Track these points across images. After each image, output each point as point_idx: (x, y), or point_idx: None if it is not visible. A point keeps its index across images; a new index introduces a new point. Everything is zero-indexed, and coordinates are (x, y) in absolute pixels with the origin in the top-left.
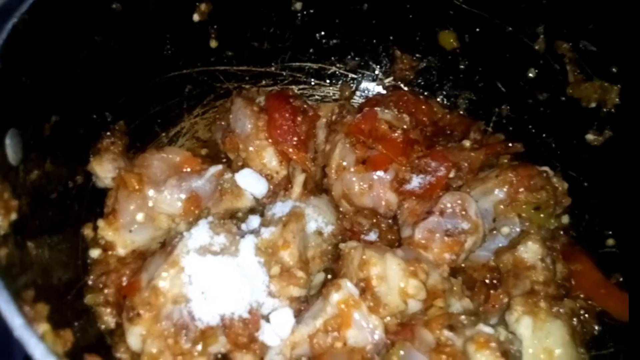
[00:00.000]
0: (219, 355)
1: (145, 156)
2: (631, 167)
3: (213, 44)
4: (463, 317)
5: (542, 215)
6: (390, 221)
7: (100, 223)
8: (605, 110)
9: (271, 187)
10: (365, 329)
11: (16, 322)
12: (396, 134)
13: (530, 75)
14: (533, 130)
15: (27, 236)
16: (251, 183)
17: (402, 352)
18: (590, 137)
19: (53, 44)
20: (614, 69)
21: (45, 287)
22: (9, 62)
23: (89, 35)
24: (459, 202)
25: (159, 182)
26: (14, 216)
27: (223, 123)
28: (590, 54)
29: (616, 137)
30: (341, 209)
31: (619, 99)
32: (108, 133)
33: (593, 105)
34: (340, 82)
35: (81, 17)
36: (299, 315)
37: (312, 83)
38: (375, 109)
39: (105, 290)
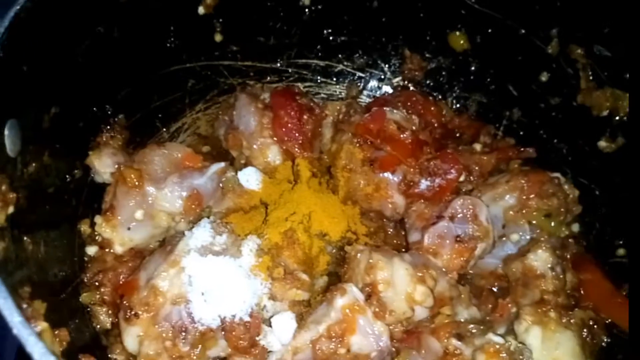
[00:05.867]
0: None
1: (145, 152)
2: None
3: (218, 38)
4: (471, 325)
5: (552, 223)
6: (396, 224)
7: (98, 219)
8: (617, 118)
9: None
10: (370, 336)
11: (15, 319)
12: (405, 135)
13: (543, 79)
14: (544, 136)
15: (23, 231)
16: (254, 181)
17: None
18: (602, 144)
19: (55, 34)
20: (627, 75)
21: (41, 284)
22: (10, 51)
23: (91, 26)
24: (470, 207)
25: (159, 179)
26: (11, 209)
27: (226, 118)
28: (604, 59)
29: (629, 144)
30: None
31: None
32: (108, 127)
33: (605, 113)
34: (347, 81)
35: (84, 7)
36: (300, 319)
37: (319, 81)
38: (384, 109)
39: (102, 289)
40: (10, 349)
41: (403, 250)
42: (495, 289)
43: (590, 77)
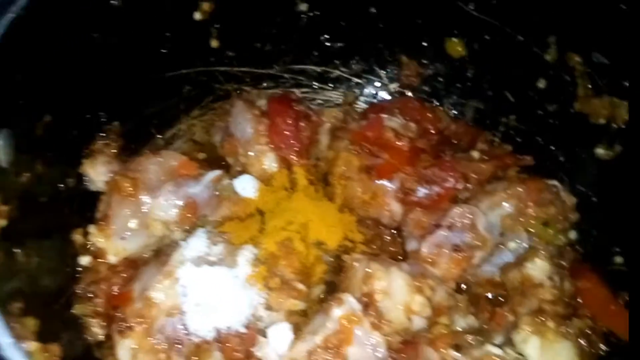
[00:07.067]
0: None
1: (140, 160)
2: None
3: (214, 43)
4: (469, 336)
5: (550, 231)
6: (392, 231)
7: (92, 229)
8: (615, 126)
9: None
10: (367, 347)
11: (4, 341)
12: (402, 143)
13: (540, 85)
14: (541, 142)
15: (15, 242)
16: (250, 189)
17: None
18: (600, 151)
19: (49, 40)
20: (626, 83)
21: (32, 297)
22: (4, 58)
23: (85, 32)
24: (469, 216)
25: (155, 187)
26: (3, 222)
27: (222, 125)
28: (602, 66)
29: (627, 152)
30: None
31: (628, 115)
32: (102, 134)
33: (602, 121)
34: (343, 87)
35: (79, 13)
36: (296, 329)
37: (315, 87)
38: (382, 115)
39: (95, 300)
40: None
41: (400, 258)
42: (492, 297)
43: (588, 85)
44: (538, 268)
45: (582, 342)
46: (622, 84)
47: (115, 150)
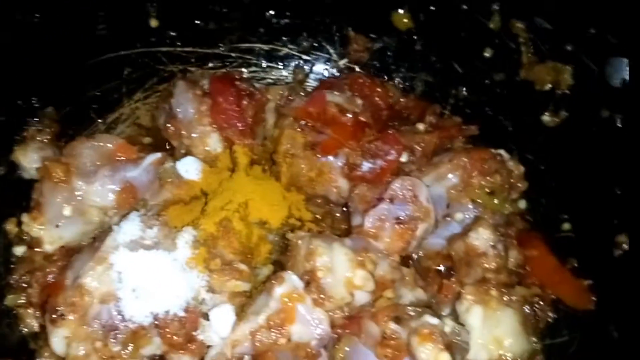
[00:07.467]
0: (156, 357)
1: (73, 144)
2: (588, 150)
3: (153, 23)
4: (410, 308)
5: (496, 201)
6: (343, 209)
7: (25, 218)
8: (559, 92)
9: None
10: (309, 324)
11: None
12: (346, 117)
13: (486, 55)
14: (490, 113)
15: None
16: (194, 171)
17: (347, 349)
18: (546, 118)
19: None
20: (568, 47)
21: None
22: None
23: (8, 13)
24: (409, 187)
25: (89, 172)
26: None
27: (166, 107)
28: (544, 32)
29: (572, 118)
30: None
31: (572, 80)
32: (35, 120)
33: (547, 87)
34: (293, 64)
35: None
36: (241, 311)
37: (264, 65)
38: (324, 91)
39: (29, 290)
40: None
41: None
42: (442, 270)
43: (532, 51)
44: (481, 237)
45: (526, 309)
46: (565, 49)
47: (49, 137)
